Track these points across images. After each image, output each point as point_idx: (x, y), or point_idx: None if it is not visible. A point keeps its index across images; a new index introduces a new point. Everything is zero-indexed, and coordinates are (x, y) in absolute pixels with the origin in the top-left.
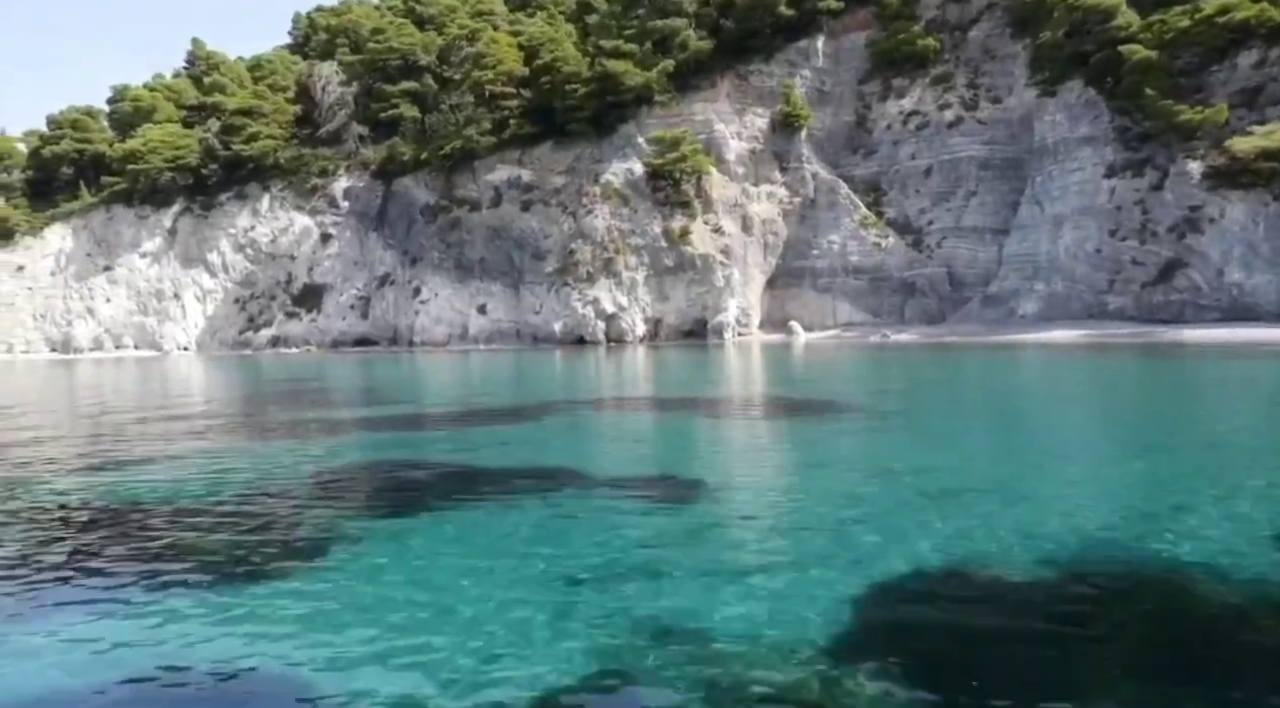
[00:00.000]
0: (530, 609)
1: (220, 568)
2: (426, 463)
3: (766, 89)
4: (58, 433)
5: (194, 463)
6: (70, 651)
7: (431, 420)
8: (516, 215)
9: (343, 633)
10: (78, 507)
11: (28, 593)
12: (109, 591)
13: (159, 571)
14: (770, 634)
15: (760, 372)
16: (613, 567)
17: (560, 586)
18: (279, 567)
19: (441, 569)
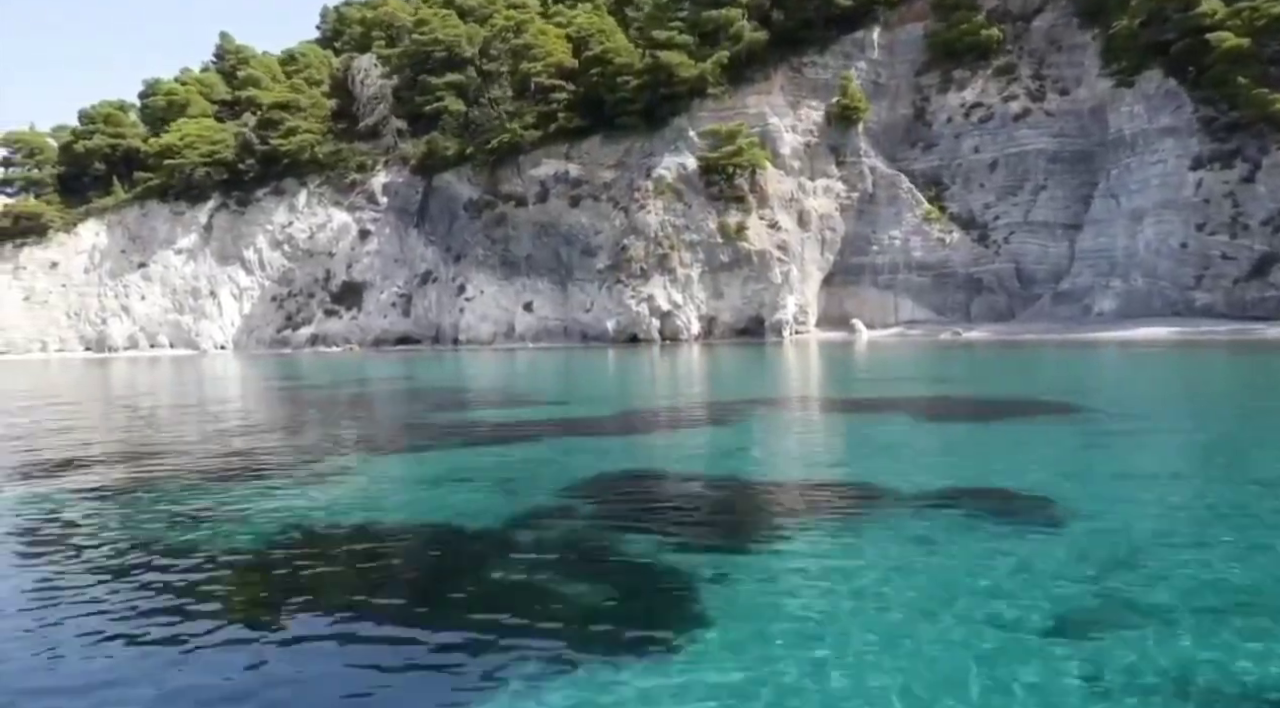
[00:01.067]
0: (1015, 664)
1: (582, 630)
2: (718, 478)
3: (821, 81)
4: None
5: (481, 482)
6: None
7: (633, 423)
8: (565, 211)
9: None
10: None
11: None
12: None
13: (513, 635)
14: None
15: (872, 369)
16: (1062, 605)
17: (1020, 629)
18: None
19: (885, 607)
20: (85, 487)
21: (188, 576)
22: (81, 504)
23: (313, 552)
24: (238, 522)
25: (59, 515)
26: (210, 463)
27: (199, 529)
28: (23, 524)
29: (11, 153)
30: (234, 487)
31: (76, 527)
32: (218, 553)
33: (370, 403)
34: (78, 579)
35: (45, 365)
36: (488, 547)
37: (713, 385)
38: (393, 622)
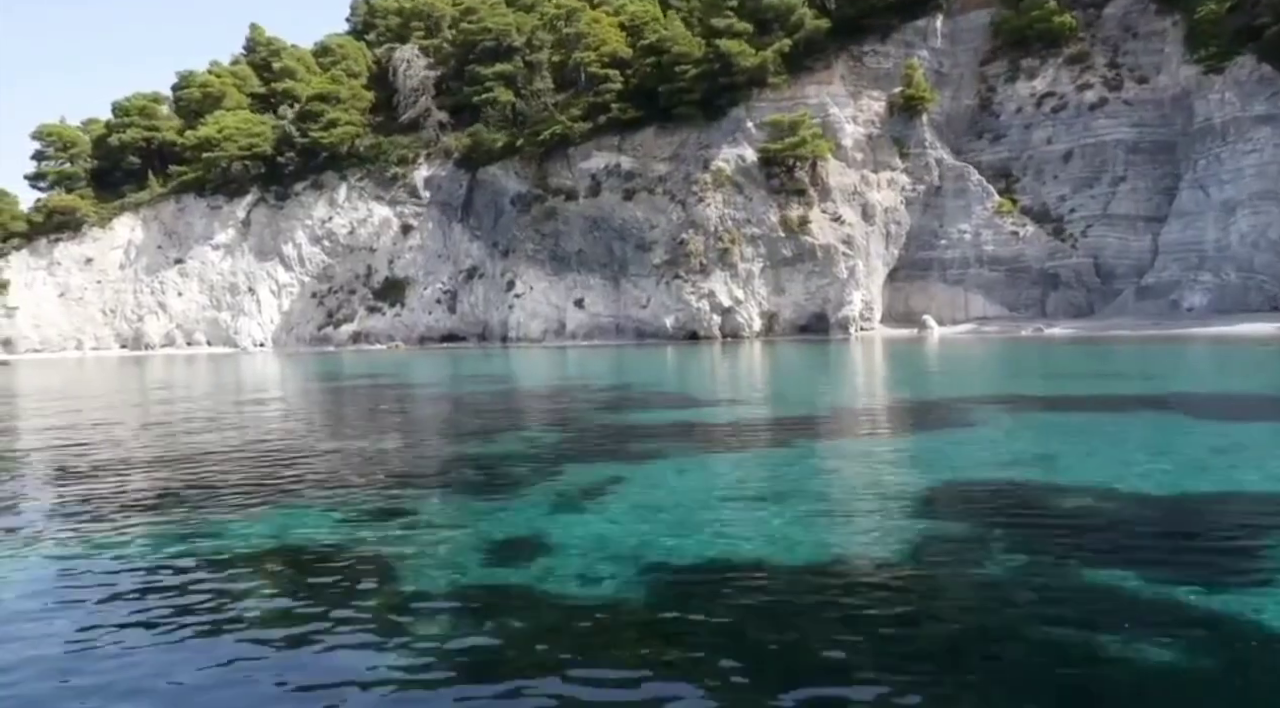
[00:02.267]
0: None
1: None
2: (1081, 488)
3: (882, 71)
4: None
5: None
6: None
7: (857, 424)
8: (618, 204)
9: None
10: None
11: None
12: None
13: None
14: None
15: (999, 367)
16: None
17: None
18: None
19: None
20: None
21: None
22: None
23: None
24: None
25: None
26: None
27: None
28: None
29: (44, 147)
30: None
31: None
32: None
33: (520, 405)
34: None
35: (80, 364)
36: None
37: (876, 384)
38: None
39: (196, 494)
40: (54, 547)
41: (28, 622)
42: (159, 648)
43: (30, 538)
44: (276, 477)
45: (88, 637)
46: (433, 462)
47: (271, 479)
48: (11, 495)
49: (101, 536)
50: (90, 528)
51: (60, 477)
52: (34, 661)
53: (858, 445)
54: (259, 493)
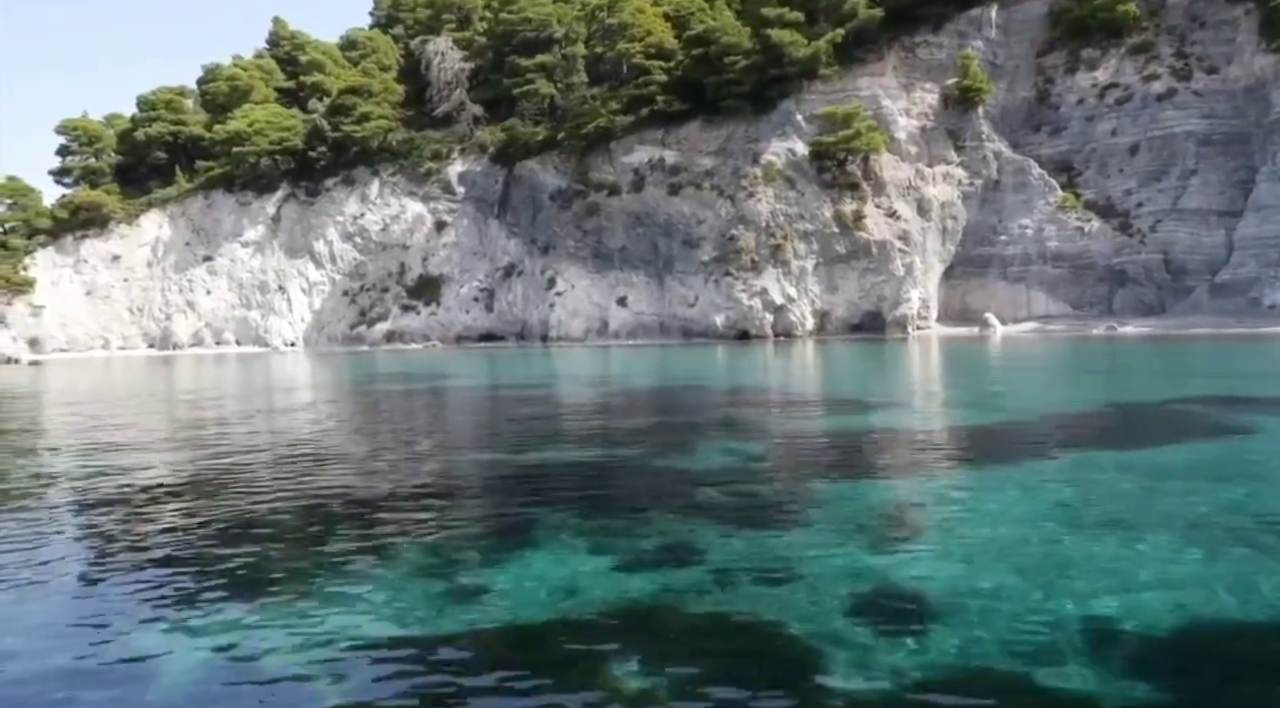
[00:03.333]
0: None
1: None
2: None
3: (935, 62)
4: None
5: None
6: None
7: (1066, 430)
8: (663, 200)
9: None
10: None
11: None
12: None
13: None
14: None
15: (1105, 366)
16: None
17: None
18: None
19: None
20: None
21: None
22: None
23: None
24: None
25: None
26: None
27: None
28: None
29: (69, 141)
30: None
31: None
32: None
33: (664, 410)
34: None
35: (108, 364)
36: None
37: (1036, 383)
38: None
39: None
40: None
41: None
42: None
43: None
44: (376, 522)
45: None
46: (677, 480)
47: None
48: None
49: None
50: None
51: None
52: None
53: (1127, 457)
54: (356, 546)
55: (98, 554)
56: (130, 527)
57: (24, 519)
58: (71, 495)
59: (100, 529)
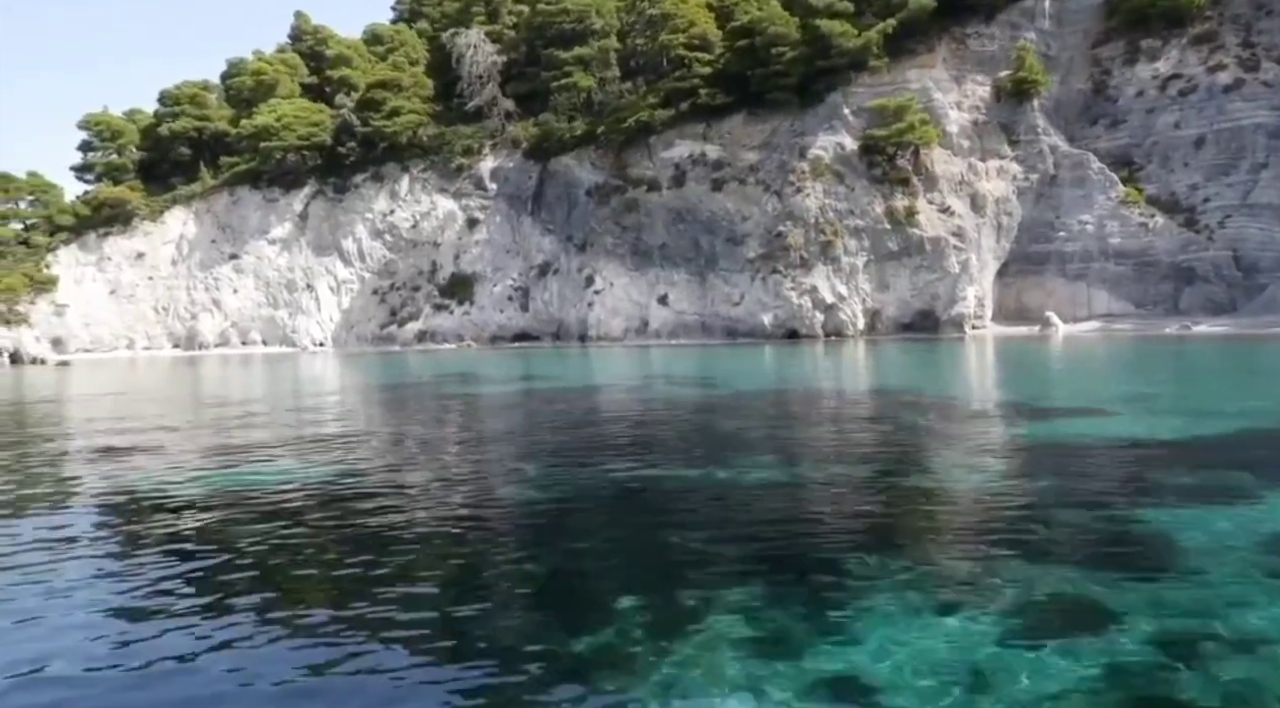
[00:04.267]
0: None
1: None
2: None
3: (987, 54)
4: None
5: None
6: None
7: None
8: (705, 196)
9: None
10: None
11: None
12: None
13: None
14: None
15: (1222, 369)
16: None
17: None
18: None
19: None
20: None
21: None
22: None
23: None
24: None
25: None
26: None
27: None
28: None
29: (91, 137)
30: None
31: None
32: None
33: (794, 411)
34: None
35: (135, 364)
36: None
37: (1179, 387)
38: None
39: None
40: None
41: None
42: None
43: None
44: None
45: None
46: (961, 508)
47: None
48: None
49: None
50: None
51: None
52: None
53: None
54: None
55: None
56: (213, 541)
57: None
58: (122, 505)
59: (172, 540)
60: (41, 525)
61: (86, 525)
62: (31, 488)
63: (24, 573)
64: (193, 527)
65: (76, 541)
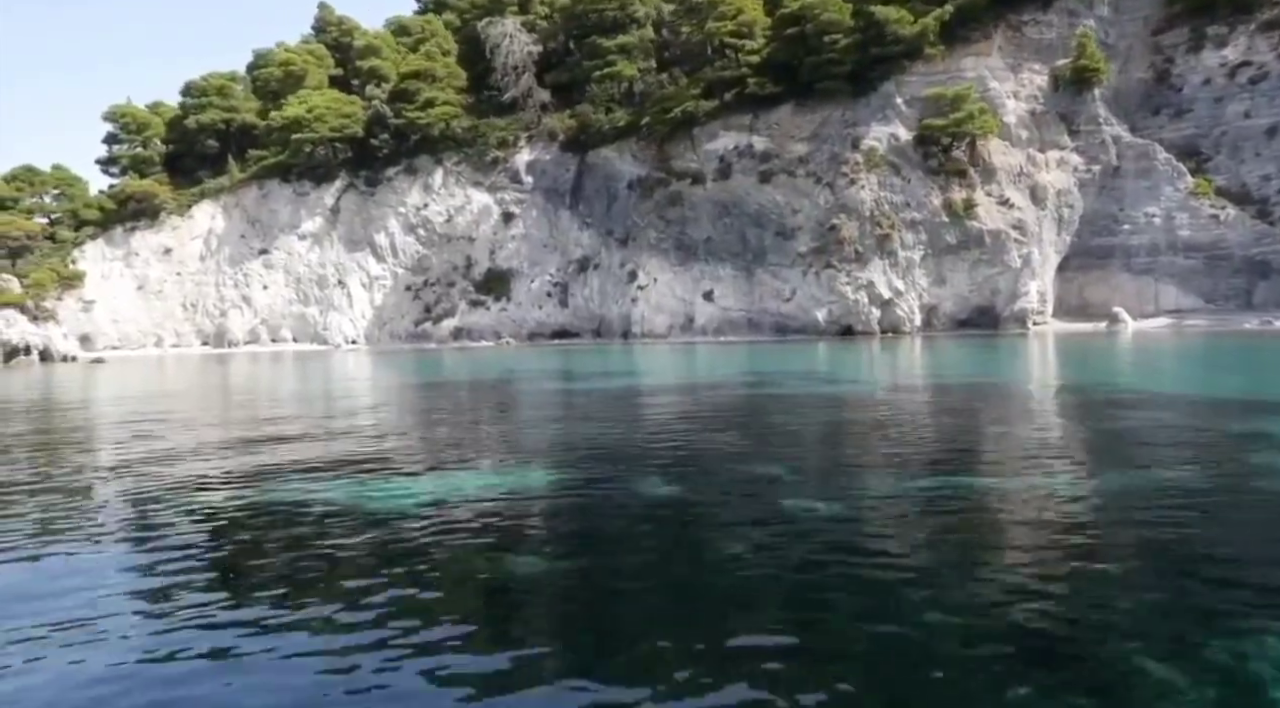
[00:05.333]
0: None
1: None
2: None
3: (1044, 42)
4: None
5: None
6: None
7: None
8: (753, 188)
9: None
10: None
11: None
12: None
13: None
14: None
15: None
16: None
17: None
18: None
19: None
20: None
21: None
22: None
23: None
24: None
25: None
26: None
27: None
28: None
29: (117, 129)
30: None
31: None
32: None
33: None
34: None
35: (164, 363)
36: None
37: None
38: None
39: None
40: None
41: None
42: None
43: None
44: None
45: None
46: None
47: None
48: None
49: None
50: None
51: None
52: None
53: None
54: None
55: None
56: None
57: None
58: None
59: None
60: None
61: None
62: (130, 499)
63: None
64: (281, 536)
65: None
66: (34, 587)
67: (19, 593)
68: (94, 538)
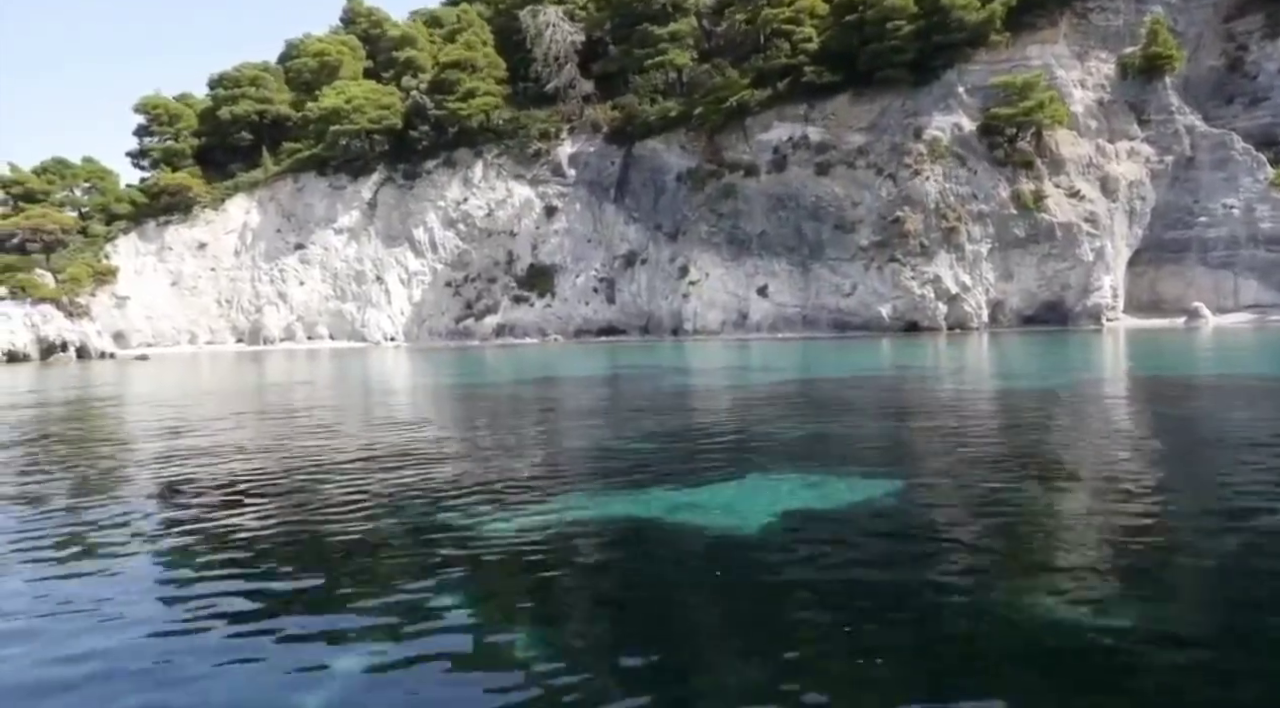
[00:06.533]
0: None
1: None
2: None
3: (1111, 29)
4: None
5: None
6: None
7: None
8: (809, 180)
9: None
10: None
11: None
12: None
13: None
14: None
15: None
16: None
17: None
18: None
19: None
20: None
21: None
22: None
23: None
24: None
25: None
26: None
27: None
28: None
29: (148, 121)
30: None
31: None
32: None
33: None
34: None
35: (200, 360)
36: None
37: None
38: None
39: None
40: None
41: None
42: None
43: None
44: None
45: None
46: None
47: None
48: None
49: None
50: None
51: None
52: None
53: None
54: None
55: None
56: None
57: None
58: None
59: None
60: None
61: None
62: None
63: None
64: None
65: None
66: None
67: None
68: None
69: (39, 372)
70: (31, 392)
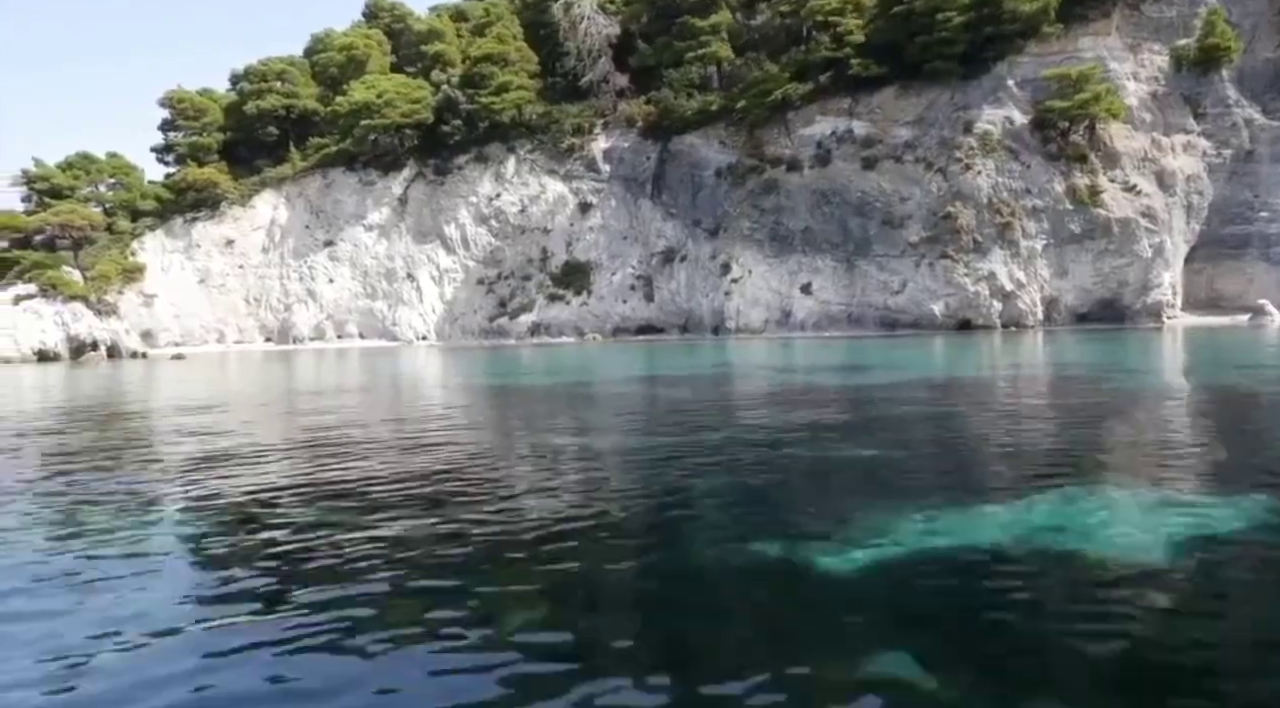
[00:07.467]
0: None
1: None
2: None
3: (1164, 20)
4: None
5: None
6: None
7: None
8: (855, 175)
9: None
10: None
11: None
12: None
13: None
14: None
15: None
16: None
17: None
18: None
19: None
20: None
21: None
22: None
23: None
24: None
25: None
26: None
27: None
28: None
29: (174, 116)
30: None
31: None
32: None
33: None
34: None
35: (231, 359)
36: None
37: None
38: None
39: None
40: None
41: None
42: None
43: None
44: None
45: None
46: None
47: None
48: None
49: None
50: None
51: None
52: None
53: None
54: None
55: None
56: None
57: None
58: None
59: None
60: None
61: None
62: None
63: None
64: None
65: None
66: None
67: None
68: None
69: (73, 372)
70: (93, 397)
